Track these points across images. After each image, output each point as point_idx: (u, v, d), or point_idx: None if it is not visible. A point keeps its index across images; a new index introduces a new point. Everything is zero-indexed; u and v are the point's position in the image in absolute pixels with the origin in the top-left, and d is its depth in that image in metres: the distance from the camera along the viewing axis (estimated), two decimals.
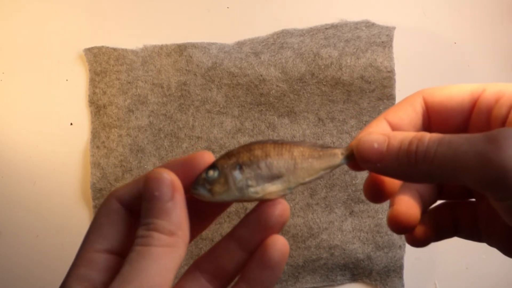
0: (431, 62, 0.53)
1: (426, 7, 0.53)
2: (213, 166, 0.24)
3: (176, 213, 0.22)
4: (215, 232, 0.50)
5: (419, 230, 0.28)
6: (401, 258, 0.51)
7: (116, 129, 0.49)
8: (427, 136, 0.21)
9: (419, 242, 0.28)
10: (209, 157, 0.24)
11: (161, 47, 0.50)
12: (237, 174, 0.24)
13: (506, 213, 0.21)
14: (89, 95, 0.50)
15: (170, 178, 0.22)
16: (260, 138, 0.50)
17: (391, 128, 0.26)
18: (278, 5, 0.52)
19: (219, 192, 0.24)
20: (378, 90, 0.50)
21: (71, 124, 0.50)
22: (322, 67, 0.49)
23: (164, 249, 0.21)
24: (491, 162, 0.19)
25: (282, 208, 0.24)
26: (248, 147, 0.24)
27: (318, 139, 0.50)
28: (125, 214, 0.24)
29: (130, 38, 0.50)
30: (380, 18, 0.52)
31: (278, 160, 0.24)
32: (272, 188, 0.24)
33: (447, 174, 0.21)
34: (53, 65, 0.51)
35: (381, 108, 0.50)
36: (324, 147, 0.25)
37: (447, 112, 0.25)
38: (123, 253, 0.24)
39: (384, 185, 0.26)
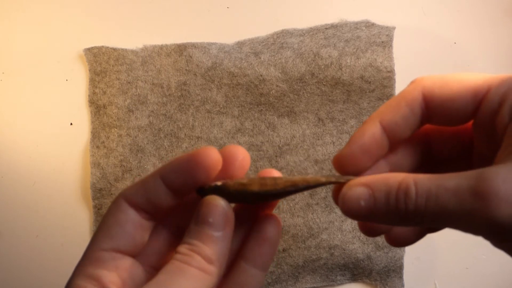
0: (431, 62, 0.53)
1: (426, 7, 0.53)
2: (223, 184, 0.24)
3: (221, 245, 0.23)
4: None
5: (404, 228, 0.27)
6: (401, 258, 0.51)
7: (116, 129, 0.49)
8: (413, 189, 0.20)
9: (405, 240, 0.27)
10: (214, 154, 0.24)
11: (161, 47, 0.50)
12: (240, 198, 0.25)
13: (507, 252, 0.21)
14: (89, 95, 0.50)
15: (226, 209, 0.23)
16: (260, 138, 0.50)
17: (386, 132, 0.25)
18: (278, 5, 0.52)
19: None
20: (378, 90, 0.50)
21: (71, 124, 0.50)
22: (322, 67, 0.49)
23: (201, 273, 0.22)
24: (481, 221, 0.19)
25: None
26: (261, 181, 0.24)
27: (318, 139, 0.50)
28: (133, 214, 0.24)
29: (130, 38, 0.50)
30: (380, 18, 0.52)
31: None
32: None
33: (440, 226, 0.21)
34: (53, 65, 0.51)
35: None
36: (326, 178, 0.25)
37: (449, 114, 0.24)
38: (130, 253, 0.24)
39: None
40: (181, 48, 0.50)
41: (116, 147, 0.49)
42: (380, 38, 0.50)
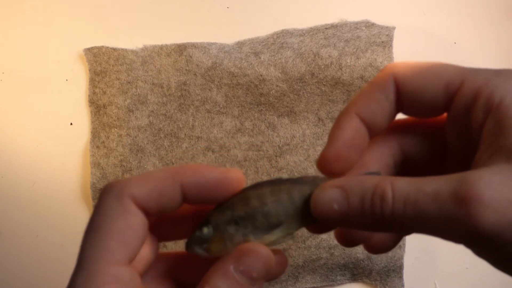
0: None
1: (426, 7, 0.53)
2: (206, 222, 0.23)
3: None
4: None
5: (382, 235, 0.25)
6: (401, 258, 0.51)
7: (116, 129, 0.49)
8: (390, 193, 0.19)
9: (384, 247, 0.26)
10: (242, 178, 0.22)
11: (161, 47, 0.50)
12: (232, 230, 0.22)
13: (491, 263, 0.20)
14: (89, 95, 0.50)
15: (273, 266, 0.22)
16: (260, 138, 0.50)
17: (365, 125, 0.23)
18: (278, 5, 0.52)
19: (216, 251, 0.23)
20: None
21: (71, 124, 0.50)
22: (322, 67, 0.49)
23: None
24: (464, 229, 0.18)
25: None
26: (243, 197, 0.23)
27: (318, 139, 0.50)
28: (143, 217, 0.21)
29: (130, 38, 0.50)
30: (380, 18, 0.52)
31: (277, 208, 0.22)
32: (272, 237, 0.23)
33: (419, 232, 0.19)
34: (53, 65, 0.51)
35: None
36: (327, 179, 0.23)
37: (421, 104, 0.23)
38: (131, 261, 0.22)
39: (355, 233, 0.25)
40: (181, 48, 0.50)
41: (116, 147, 0.49)
42: (380, 38, 0.50)
